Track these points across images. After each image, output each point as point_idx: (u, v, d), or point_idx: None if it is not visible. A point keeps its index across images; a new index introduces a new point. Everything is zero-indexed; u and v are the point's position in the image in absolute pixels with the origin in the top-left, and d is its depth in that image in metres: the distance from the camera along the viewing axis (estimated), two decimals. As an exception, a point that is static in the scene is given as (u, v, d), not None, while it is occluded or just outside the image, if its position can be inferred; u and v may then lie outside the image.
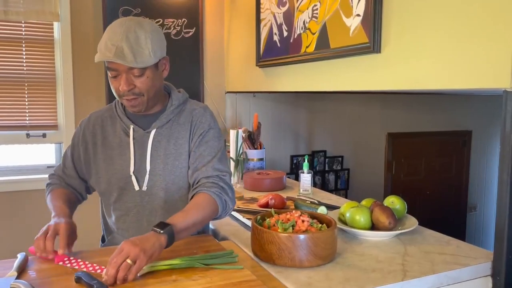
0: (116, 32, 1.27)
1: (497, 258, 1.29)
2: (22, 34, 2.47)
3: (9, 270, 1.13)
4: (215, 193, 1.32)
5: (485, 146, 4.09)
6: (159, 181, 1.40)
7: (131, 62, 1.26)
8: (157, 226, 1.17)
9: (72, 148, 1.50)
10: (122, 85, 1.30)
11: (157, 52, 1.31)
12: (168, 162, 1.41)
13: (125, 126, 1.44)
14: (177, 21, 2.73)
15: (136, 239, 1.11)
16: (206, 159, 1.38)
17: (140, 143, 1.42)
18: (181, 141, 1.42)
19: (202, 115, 1.44)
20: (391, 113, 3.59)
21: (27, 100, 2.51)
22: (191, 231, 1.28)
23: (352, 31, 1.75)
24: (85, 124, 1.49)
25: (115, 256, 1.08)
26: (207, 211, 1.30)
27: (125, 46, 1.25)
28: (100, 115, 1.49)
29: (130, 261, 1.06)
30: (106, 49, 1.27)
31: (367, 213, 1.53)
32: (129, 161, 1.41)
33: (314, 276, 1.20)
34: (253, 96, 3.02)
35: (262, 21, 2.42)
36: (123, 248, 1.09)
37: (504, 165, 1.23)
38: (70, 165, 1.49)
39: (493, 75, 1.24)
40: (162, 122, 1.42)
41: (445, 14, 1.39)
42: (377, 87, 1.68)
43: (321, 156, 3.35)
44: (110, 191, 1.43)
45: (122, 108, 1.46)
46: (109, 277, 1.05)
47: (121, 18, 1.34)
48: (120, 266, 1.06)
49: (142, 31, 1.29)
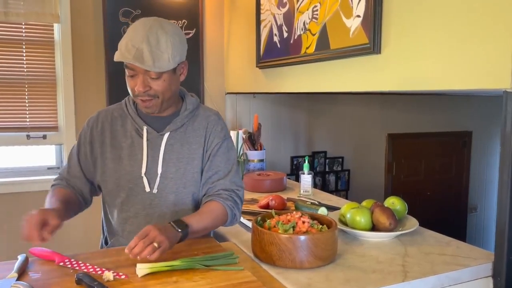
0: (138, 33, 1.27)
1: (498, 259, 1.29)
2: (23, 35, 2.47)
3: (9, 271, 1.13)
4: (229, 206, 1.38)
5: (486, 147, 4.09)
6: (170, 184, 1.40)
7: (149, 66, 1.26)
8: (176, 223, 1.23)
9: (78, 146, 1.46)
10: (138, 86, 1.30)
11: (176, 57, 1.31)
12: (181, 166, 1.41)
13: (138, 126, 1.42)
14: (177, 22, 2.73)
15: (161, 227, 1.17)
16: (223, 172, 1.43)
17: (153, 145, 1.41)
18: (195, 146, 1.43)
19: (217, 123, 1.46)
20: (391, 114, 3.59)
21: (27, 102, 2.51)
22: (200, 234, 1.33)
23: (352, 32, 1.75)
24: (93, 122, 1.46)
25: (141, 237, 1.13)
26: (218, 220, 1.37)
27: (145, 49, 1.25)
28: (110, 113, 1.47)
29: (156, 244, 1.12)
30: (126, 49, 1.26)
31: (367, 214, 1.53)
32: (140, 162, 1.40)
33: (315, 277, 1.20)
34: (253, 97, 3.02)
35: (262, 22, 2.43)
36: (149, 231, 1.14)
37: (505, 165, 1.23)
38: (76, 163, 1.45)
39: (493, 75, 1.24)
40: (176, 126, 1.42)
41: (445, 15, 1.39)
42: (377, 88, 1.68)
43: (321, 157, 3.35)
44: (118, 191, 1.41)
45: (134, 107, 1.45)
46: (134, 254, 1.11)
47: (143, 18, 1.33)
48: (146, 247, 1.11)
49: (164, 34, 1.28)
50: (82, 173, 1.45)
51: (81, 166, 1.45)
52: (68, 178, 1.45)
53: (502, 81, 1.21)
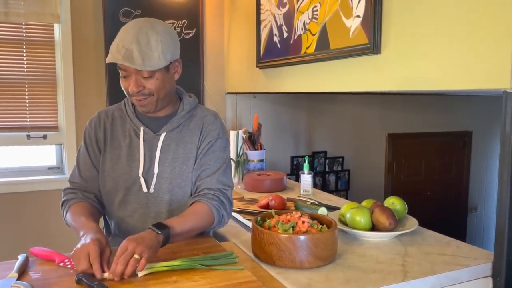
0: (128, 34, 1.28)
1: (498, 259, 1.29)
2: (23, 35, 2.48)
3: (10, 271, 1.13)
4: (214, 206, 1.35)
5: (486, 147, 4.09)
6: (166, 184, 1.41)
7: (139, 65, 1.26)
8: (155, 226, 1.21)
9: (86, 147, 1.46)
10: (132, 86, 1.31)
11: (167, 55, 1.31)
12: (176, 166, 1.41)
13: (135, 127, 1.44)
14: (177, 22, 2.73)
15: (137, 237, 1.14)
16: (211, 170, 1.41)
17: (150, 146, 1.42)
18: (190, 146, 1.43)
19: (212, 123, 1.46)
20: (391, 114, 3.59)
21: (27, 102, 2.51)
22: (185, 237, 1.31)
23: (352, 32, 1.75)
24: (95, 122, 1.47)
25: (121, 254, 1.10)
26: (203, 221, 1.34)
27: (135, 49, 1.26)
28: (110, 114, 1.48)
29: (137, 256, 1.10)
30: (117, 50, 1.28)
31: (367, 214, 1.53)
32: (138, 162, 1.41)
33: (314, 277, 1.20)
34: (253, 97, 3.02)
35: (262, 22, 2.43)
36: (126, 246, 1.11)
37: (505, 165, 1.23)
38: (89, 165, 1.43)
39: (493, 75, 1.24)
40: (172, 126, 1.43)
41: (445, 15, 1.39)
42: (377, 88, 1.68)
43: (321, 157, 3.35)
44: (116, 190, 1.42)
45: (132, 108, 1.46)
46: (117, 274, 1.08)
47: (135, 19, 1.34)
48: (127, 263, 1.09)
49: (154, 33, 1.29)
50: (97, 172, 1.44)
51: (94, 166, 1.45)
52: (81, 183, 1.43)
53: (502, 81, 1.21)
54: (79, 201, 1.39)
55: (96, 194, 1.44)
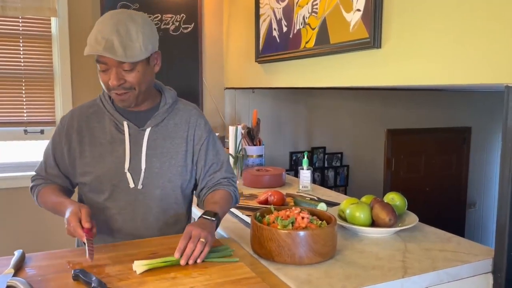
0: (107, 25, 1.24)
1: (498, 255, 1.28)
2: (20, 29, 2.46)
3: (6, 267, 1.12)
4: (232, 190, 1.48)
5: (485, 143, 4.09)
6: (156, 180, 1.39)
7: (121, 57, 1.23)
8: (207, 214, 1.29)
9: (54, 147, 1.42)
10: (112, 79, 1.27)
11: (148, 46, 1.28)
12: (165, 161, 1.40)
13: (117, 122, 1.39)
14: (176, 16, 2.71)
15: (199, 223, 1.24)
16: (218, 164, 1.50)
17: (135, 140, 1.38)
18: (178, 141, 1.42)
19: (200, 117, 1.49)
20: (390, 110, 3.58)
21: (24, 96, 2.50)
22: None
23: (352, 26, 1.73)
24: (67, 122, 1.42)
25: (186, 238, 1.17)
26: (230, 204, 1.46)
27: (116, 40, 1.22)
28: (84, 111, 1.43)
29: (203, 239, 1.18)
30: (96, 42, 1.24)
31: (367, 210, 1.52)
32: (123, 158, 1.37)
33: (314, 273, 1.19)
34: (252, 92, 3.00)
35: (261, 16, 2.41)
36: (191, 230, 1.19)
37: (506, 160, 1.22)
38: (52, 164, 1.42)
39: (495, 70, 1.23)
40: (157, 121, 1.41)
41: (446, 9, 1.37)
42: (377, 83, 1.67)
43: (320, 153, 3.34)
44: (101, 189, 1.38)
45: (111, 103, 1.41)
46: (186, 255, 1.16)
47: (111, 11, 1.30)
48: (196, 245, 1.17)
49: (133, 24, 1.26)
50: (60, 172, 1.43)
51: (58, 166, 1.42)
52: (47, 177, 1.44)
53: (504, 76, 1.20)
54: (48, 184, 1.42)
55: (63, 185, 1.44)
